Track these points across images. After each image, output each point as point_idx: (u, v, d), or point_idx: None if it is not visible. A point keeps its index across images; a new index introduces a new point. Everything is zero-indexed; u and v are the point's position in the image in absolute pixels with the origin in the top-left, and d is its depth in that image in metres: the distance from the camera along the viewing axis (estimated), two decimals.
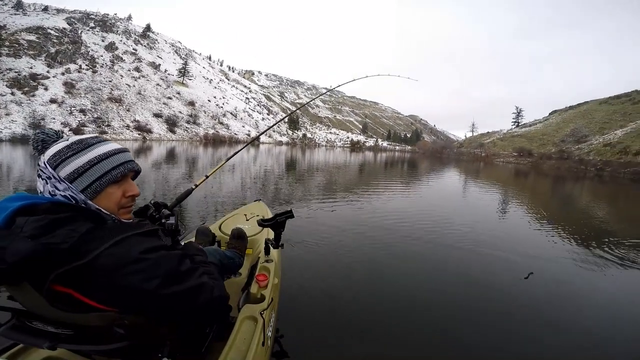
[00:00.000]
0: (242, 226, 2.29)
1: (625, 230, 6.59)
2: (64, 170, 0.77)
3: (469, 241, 4.60)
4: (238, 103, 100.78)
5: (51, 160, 0.78)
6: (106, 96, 52.31)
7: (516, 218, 6.92)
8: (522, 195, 11.57)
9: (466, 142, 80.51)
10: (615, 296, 3.19)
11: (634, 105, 55.71)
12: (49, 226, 0.67)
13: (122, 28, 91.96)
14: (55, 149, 0.79)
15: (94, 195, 0.79)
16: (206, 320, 0.89)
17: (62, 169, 0.77)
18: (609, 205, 10.96)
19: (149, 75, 73.45)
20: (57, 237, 0.66)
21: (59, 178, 0.77)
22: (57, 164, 0.77)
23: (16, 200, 0.73)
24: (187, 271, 0.78)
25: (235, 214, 2.98)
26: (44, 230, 0.66)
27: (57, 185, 0.77)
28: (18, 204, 0.71)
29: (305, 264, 3.41)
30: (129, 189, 0.86)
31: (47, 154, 0.79)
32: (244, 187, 8.93)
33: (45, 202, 0.74)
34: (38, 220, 0.67)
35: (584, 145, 46.16)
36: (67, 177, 0.77)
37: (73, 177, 0.77)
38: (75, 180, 0.77)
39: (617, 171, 30.61)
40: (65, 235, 0.66)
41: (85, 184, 0.78)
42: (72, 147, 0.80)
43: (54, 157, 0.78)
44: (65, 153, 0.78)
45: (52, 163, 0.77)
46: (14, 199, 0.73)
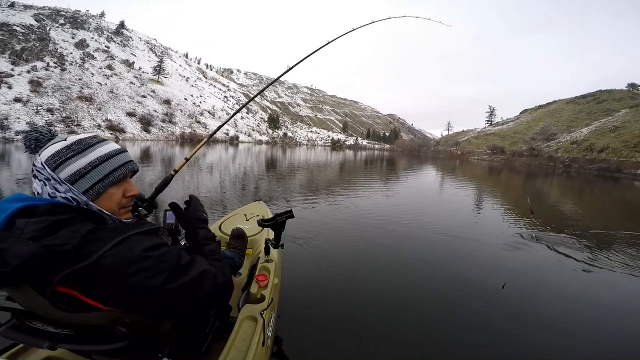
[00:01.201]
0: (242, 226, 2.27)
1: (589, 220, 6.99)
2: (65, 172, 0.74)
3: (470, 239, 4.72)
4: (216, 102, 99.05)
5: (50, 161, 0.75)
6: (76, 95, 50.06)
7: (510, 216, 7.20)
8: (497, 191, 12.06)
9: (442, 141, 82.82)
10: (585, 283, 3.40)
11: (598, 105, 59.13)
12: (50, 228, 0.66)
13: (94, 25, 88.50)
14: (54, 149, 0.76)
15: (95, 197, 0.78)
16: (212, 307, 0.87)
17: (62, 171, 0.74)
18: (577, 199, 11.66)
19: (122, 73, 70.90)
20: (59, 238, 0.65)
21: (60, 180, 0.74)
22: (57, 165, 0.75)
23: (15, 202, 0.71)
24: (187, 264, 0.77)
25: (235, 214, 2.96)
26: (45, 232, 0.65)
27: (57, 187, 0.75)
28: (17, 205, 0.70)
29: (305, 263, 3.41)
30: (129, 189, 0.85)
31: (44, 154, 0.76)
32: (222, 188, 8.79)
33: (44, 203, 0.72)
34: (39, 222, 0.66)
35: (552, 143, 48.51)
36: (67, 178, 0.75)
37: (74, 178, 0.75)
38: (77, 182, 0.75)
39: (584, 167, 32.39)
40: (67, 236, 0.66)
41: (87, 185, 0.76)
42: (72, 147, 0.77)
43: (52, 158, 0.75)
44: (65, 154, 0.75)
45: (51, 164, 0.74)
46: (12, 200, 0.72)
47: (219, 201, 6.57)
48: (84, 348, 0.84)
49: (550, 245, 4.53)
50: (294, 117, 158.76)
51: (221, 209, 5.76)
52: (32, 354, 1.06)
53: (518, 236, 5.01)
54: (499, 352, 2.13)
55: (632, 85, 62.61)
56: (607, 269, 3.77)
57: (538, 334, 2.34)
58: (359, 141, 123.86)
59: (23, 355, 1.05)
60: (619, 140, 37.30)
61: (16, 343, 1.04)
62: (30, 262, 0.61)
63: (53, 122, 40.19)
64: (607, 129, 42.96)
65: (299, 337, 2.10)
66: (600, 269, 3.76)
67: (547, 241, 4.73)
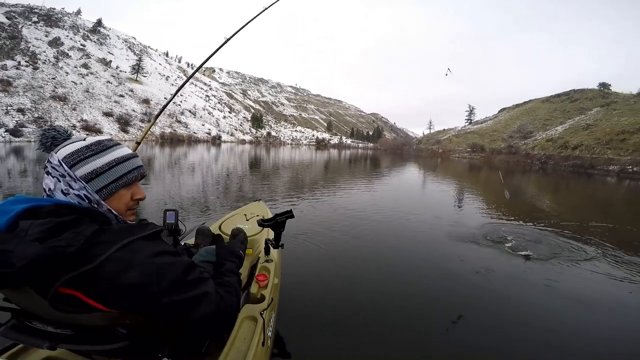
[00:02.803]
0: (242, 226, 2.26)
1: (564, 213, 7.35)
2: (81, 170, 0.77)
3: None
4: (197, 101, 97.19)
5: (68, 158, 0.77)
6: (49, 94, 48.03)
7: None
8: (478, 188, 12.39)
9: (424, 139, 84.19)
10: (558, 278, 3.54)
11: (572, 103, 61.55)
12: (54, 229, 0.67)
13: (70, 23, 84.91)
14: (73, 147, 0.79)
15: (107, 197, 0.80)
16: (206, 331, 0.85)
17: (79, 169, 0.77)
18: (552, 194, 12.19)
19: (98, 72, 68.59)
20: (63, 240, 0.65)
21: (75, 177, 0.77)
22: (75, 163, 0.77)
23: (18, 203, 0.72)
24: (192, 281, 0.77)
25: (235, 214, 2.94)
26: (50, 234, 0.66)
27: (71, 184, 0.77)
28: (21, 206, 0.70)
29: (305, 263, 3.41)
30: (137, 193, 0.88)
31: (62, 151, 0.78)
32: (205, 188, 8.66)
33: (48, 204, 0.73)
34: (43, 224, 0.67)
35: (529, 140, 50.14)
36: (83, 177, 0.77)
37: (90, 177, 0.78)
38: (92, 181, 0.78)
39: (559, 164, 33.63)
40: (71, 238, 0.66)
41: (101, 185, 0.79)
42: (91, 147, 0.81)
43: (71, 155, 0.78)
44: (84, 153, 0.79)
45: (69, 162, 0.77)
46: (15, 202, 0.73)
47: (201, 203, 6.47)
48: (83, 348, 0.84)
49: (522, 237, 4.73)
50: (278, 117, 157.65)
51: (200, 210, 5.67)
52: (32, 354, 1.05)
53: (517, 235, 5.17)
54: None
55: (603, 85, 65.41)
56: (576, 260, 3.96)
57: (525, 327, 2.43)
58: (344, 140, 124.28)
59: (23, 355, 1.04)
60: (592, 138, 38.93)
61: (16, 343, 1.04)
62: (35, 264, 0.61)
63: (24, 122, 38.37)
64: (580, 126, 44.79)
65: (299, 337, 2.10)
66: (572, 260, 3.94)
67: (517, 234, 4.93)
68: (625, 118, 40.27)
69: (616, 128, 38.17)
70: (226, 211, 4.77)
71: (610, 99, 54.48)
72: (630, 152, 31.90)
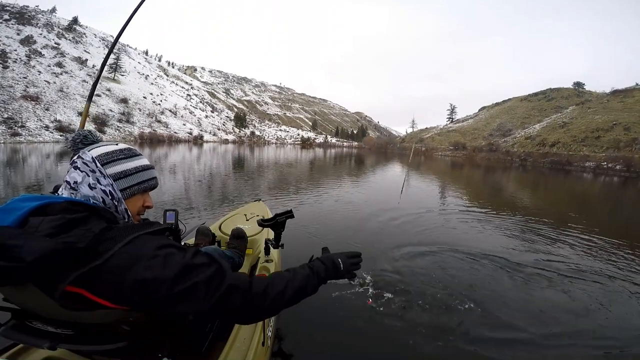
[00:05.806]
0: (242, 226, 2.28)
1: (542, 207, 7.61)
2: (112, 169, 0.85)
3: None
4: (178, 100, 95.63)
5: (102, 157, 0.85)
6: (20, 94, 46.05)
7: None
8: (462, 186, 12.59)
9: (408, 138, 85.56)
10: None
11: (549, 102, 63.97)
12: (65, 226, 0.68)
13: (44, 21, 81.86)
14: (108, 149, 0.89)
15: (127, 197, 0.88)
16: (233, 313, 0.80)
17: (110, 167, 0.85)
18: (531, 190, 12.61)
19: (73, 71, 66.33)
20: (73, 236, 0.67)
21: (106, 174, 0.84)
22: (107, 162, 0.85)
23: (30, 201, 0.73)
24: (201, 264, 0.77)
25: (235, 214, 2.95)
26: (60, 230, 0.67)
27: (100, 180, 0.83)
28: (34, 204, 0.72)
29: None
30: (148, 200, 0.97)
31: (96, 151, 0.86)
32: (187, 189, 8.44)
33: (61, 201, 0.75)
34: (55, 220, 0.68)
35: (509, 138, 51.76)
36: (113, 175, 0.85)
37: (118, 177, 0.86)
38: (119, 180, 0.86)
39: (538, 161, 34.83)
40: (80, 235, 0.67)
41: (125, 185, 0.87)
42: (123, 152, 0.90)
43: (105, 155, 0.86)
44: (118, 155, 0.88)
45: (102, 160, 0.85)
46: (26, 200, 0.74)
47: (185, 204, 6.28)
48: (84, 348, 0.85)
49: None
50: (262, 116, 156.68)
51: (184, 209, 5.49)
52: (32, 354, 1.05)
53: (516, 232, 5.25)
54: None
55: (578, 84, 68.28)
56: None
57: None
58: (329, 139, 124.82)
59: (23, 355, 1.04)
60: (568, 135, 40.56)
61: (16, 343, 1.04)
62: (45, 258, 0.61)
63: None
64: (557, 124, 46.59)
65: (299, 337, 2.08)
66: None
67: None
68: (600, 116, 42.13)
69: (591, 126, 39.90)
70: (213, 211, 4.62)
71: (585, 98, 56.97)
72: (605, 149, 33.39)
